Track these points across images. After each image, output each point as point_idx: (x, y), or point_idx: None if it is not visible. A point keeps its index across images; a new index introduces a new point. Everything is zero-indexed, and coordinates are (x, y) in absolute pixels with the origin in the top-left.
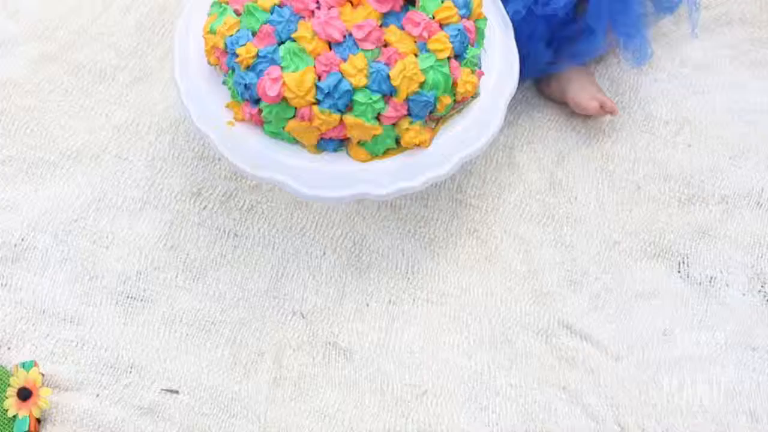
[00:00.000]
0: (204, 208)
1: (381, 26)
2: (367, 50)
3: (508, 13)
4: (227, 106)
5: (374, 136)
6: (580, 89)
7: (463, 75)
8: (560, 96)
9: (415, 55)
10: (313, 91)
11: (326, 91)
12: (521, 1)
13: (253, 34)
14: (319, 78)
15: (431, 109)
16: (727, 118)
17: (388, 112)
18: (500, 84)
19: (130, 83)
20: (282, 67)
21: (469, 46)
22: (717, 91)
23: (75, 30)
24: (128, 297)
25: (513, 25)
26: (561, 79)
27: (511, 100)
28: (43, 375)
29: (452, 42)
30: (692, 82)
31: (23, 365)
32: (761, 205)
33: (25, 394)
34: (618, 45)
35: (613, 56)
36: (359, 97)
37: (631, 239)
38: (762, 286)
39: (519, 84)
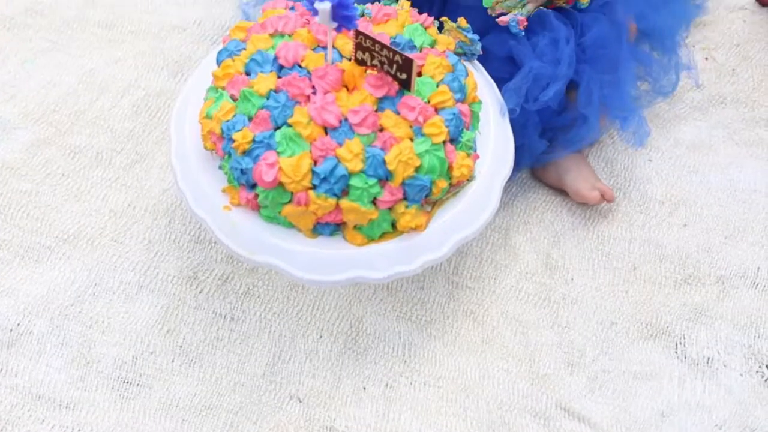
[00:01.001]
0: (200, 292)
1: (377, 111)
2: (363, 135)
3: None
4: (223, 190)
5: (370, 220)
6: (579, 178)
7: (459, 159)
8: (558, 184)
9: (411, 140)
10: (309, 176)
11: (322, 176)
12: (512, 99)
13: (249, 119)
14: (315, 163)
15: (427, 193)
16: (723, 197)
17: (384, 196)
18: (496, 167)
19: (126, 166)
20: (278, 152)
21: (465, 129)
22: (712, 171)
23: (71, 114)
24: (124, 382)
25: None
26: (558, 168)
27: (506, 182)
28: None
29: (447, 126)
30: (687, 161)
31: None
32: (757, 284)
33: None
34: (613, 128)
35: (607, 137)
36: (355, 181)
37: (627, 320)
38: (759, 367)
39: (514, 169)
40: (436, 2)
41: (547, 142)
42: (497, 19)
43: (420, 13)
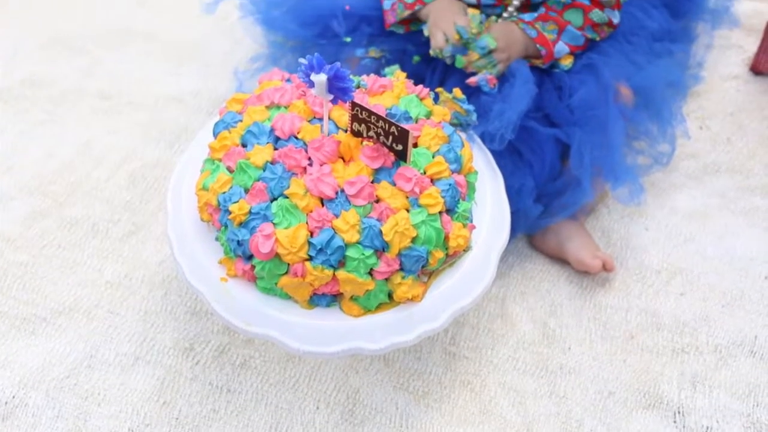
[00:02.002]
0: (196, 363)
1: (373, 182)
2: (359, 206)
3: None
4: (220, 262)
5: (367, 291)
6: (581, 247)
7: (455, 229)
8: (558, 252)
9: (407, 210)
10: (306, 247)
11: (319, 247)
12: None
13: (246, 190)
14: (312, 234)
15: (423, 264)
16: (719, 266)
17: (381, 267)
18: (492, 237)
19: (122, 238)
20: (275, 224)
21: (461, 200)
22: (707, 239)
23: (68, 185)
24: None
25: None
26: (559, 236)
27: (503, 252)
28: None
29: (443, 197)
30: (683, 230)
31: None
32: (755, 353)
33: None
34: (607, 189)
35: (603, 206)
36: (352, 252)
37: (625, 389)
38: None
39: (510, 238)
40: (439, 66)
41: (542, 207)
42: (467, 81)
43: (423, 78)
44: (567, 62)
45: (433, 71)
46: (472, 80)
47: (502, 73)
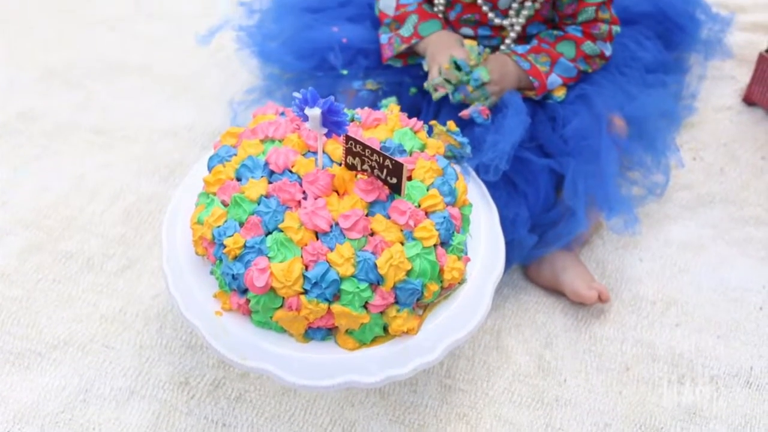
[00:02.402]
0: (192, 398)
1: (367, 215)
2: (354, 239)
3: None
4: (215, 295)
5: (362, 324)
6: (576, 278)
7: (450, 262)
8: (553, 283)
9: (402, 244)
10: (301, 280)
11: (314, 281)
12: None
13: (241, 224)
14: (307, 268)
15: (418, 297)
16: (714, 296)
17: (376, 300)
18: (487, 269)
19: (117, 272)
20: (269, 258)
21: (455, 233)
22: (702, 270)
23: (63, 219)
24: None
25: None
26: (554, 267)
27: (497, 284)
28: None
29: (438, 230)
30: (677, 261)
31: None
32: (751, 384)
33: None
34: (601, 219)
35: (597, 238)
36: (346, 286)
37: (621, 421)
38: None
39: (505, 268)
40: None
41: (536, 237)
42: (459, 114)
43: (419, 109)
44: (560, 93)
45: (429, 103)
46: (464, 113)
47: (495, 105)
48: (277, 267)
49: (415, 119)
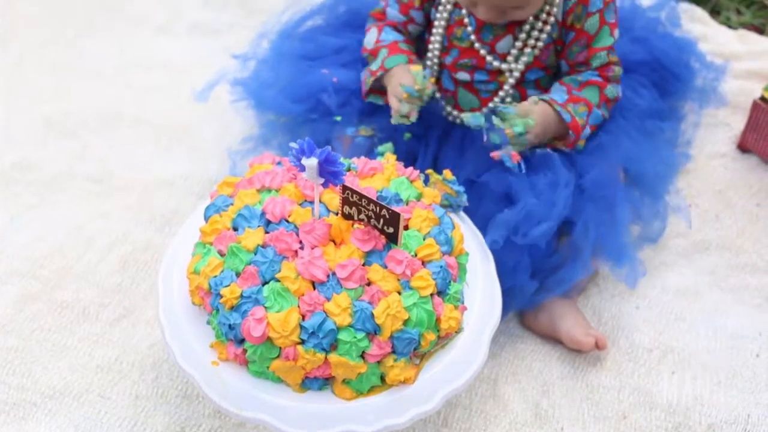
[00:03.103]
0: None
1: (364, 265)
2: (351, 289)
3: (486, 242)
4: (211, 345)
5: (359, 374)
6: (573, 325)
7: (447, 311)
8: (550, 331)
9: (399, 293)
10: (298, 330)
11: (311, 331)
12: (498, 231)
13: (237, 274)
14: (304, 317)
15: (415, 346)
16: (710, 344)
17: (373, 350)
18: (483, 318)
19: (113, 321)
20: (266, 308)
21: (452, 282)
22: (699, 318)
23: (59, 269)
24: None
25: (496, 258)
26: (551, 314)
27: (494, 332)
28: None
29: (435, 279)
30: (674, 308)
31: None
32: (748, 431)
33: None
34: (604, 269)
35: (593, 285)
36: (344, 336)
37: None
38: None
39: (502, 316)
40: (432, 142)
41: (537, 283)
42: (491, 153)
43: (416, 155)
44: (582, 143)
45: (425, 148)
46: (495, 154)
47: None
48: (273, 317)
49: (411, 168)
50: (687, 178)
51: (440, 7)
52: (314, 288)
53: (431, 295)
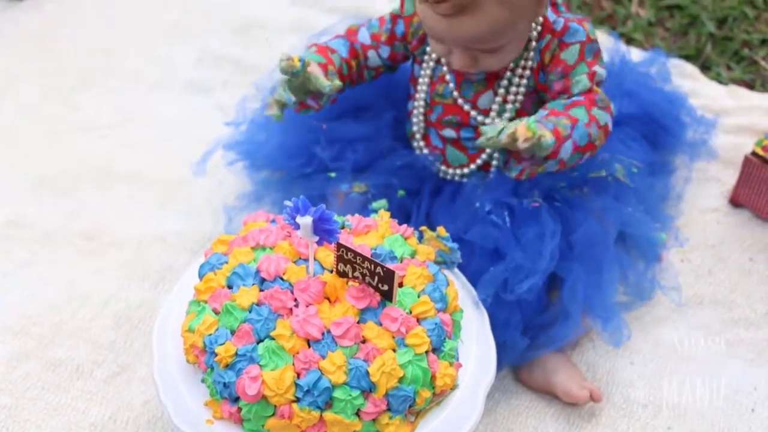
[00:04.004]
0: None
1: (359, 322)
2: (346, 347)
3: None
4: (206, 403)
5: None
6: (568, 378)
7: (442, 368)
8: (545, 385)
9: (394, 350)
10: (293, 389)
11: (306, 389)
12: (486, 289)
13: (232, 332)
14: (299, 375)
15: (411, 404)
16: (705, 399)
17: (368, 407)
18: (478, 375)
19: (107, 379)
20: (261, 366)
21: (447, 339)
22: (693, 372)
23: (52, 326)
24: None
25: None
26: (546, 369)
27: (489, 389)
28: None
29: (430, 336)
30: (668, 363)
31: None
32: None
33: None
34: (593, 328)
35: (587, 340)
36: (339, 394)
37: None
38: None
39: (497, 369)
40: (425, 198)
41: (529, 340)
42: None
43: (409, 211)
44: (564, 165)
45: (418, 205)
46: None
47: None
48: (268, 375)
49: (405, 225)
50: (679, 233)
51: (423, 64)
52: (309, 346)
53: (426, 352)
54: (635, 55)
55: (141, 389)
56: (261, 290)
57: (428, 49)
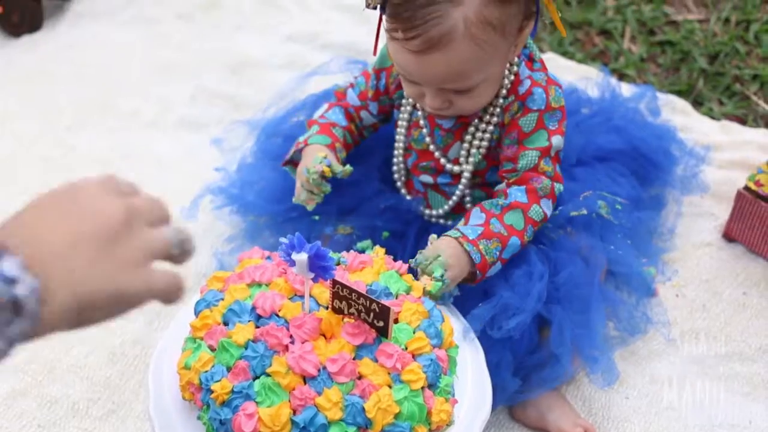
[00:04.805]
0: None
1: (355, 359)
2: (342, 383)
3: None
4: None
5: None
6: (561, 416)
7: (437, 404)
8: (540, 424)
9: (390, 387)
10: (289, 425)
11: (302, 425)
12: (473, 325)
13: (228, 369)
14: (295, 412)
15: None
16: None
17: None
18: (474, 411)
19: (103, 416)
20: (257, 403)
21: (443, 375)
22: (688, 407)
23: (47, 363)
24: None
25: None
26: (539, 406)
27: (484, 425)
28: None
29: (425, 372)
30: (663, 398)
31: None
32: None
33: None
34: (585, 368)
35: (583, 375)
36: (335, 430)
37: None
38: None
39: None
40: (410, 240)
41: (521, 381)
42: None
43: (395, 254)
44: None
45: (404, 247)
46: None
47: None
48: (265, 412)
49: (400, 262)
50: (673, 267)
51: (401, 108)
52: (305, 382)
53: (422, 388)
54: (626, 90)
55: (137, 426)
56: (257, 327)
57: (405, 92)
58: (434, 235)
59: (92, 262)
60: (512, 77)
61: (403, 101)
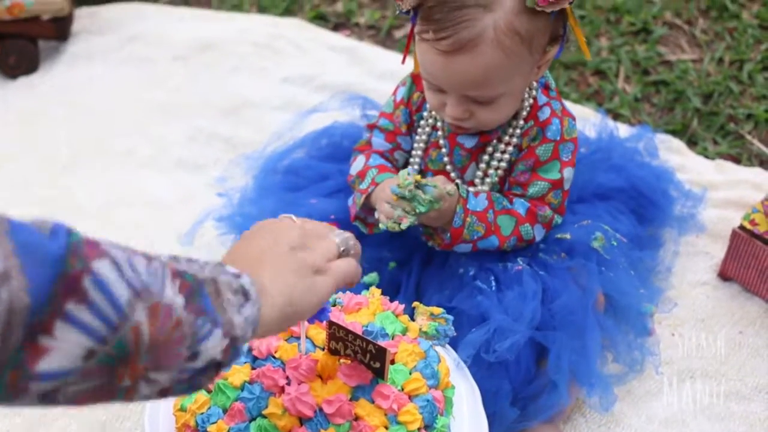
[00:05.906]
0: None
1: (351, 400)
2: (338, 425)
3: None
4: None
5: None
6: None
7: None
8: None
9: (386, 428)
10: None
11: None
12: (467, 350)
13: (224, 411)
14: None
15: None
16: None
17: None
18: None
19: None
20: None
21: (439, 415)
22: None
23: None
24: None
25: (476, 384)
26: None
27: None
28: None
29: (422, 413)
30: None
31: None
32: None
33: None
34: (582, 395)
35: (579, 415)
36: None
37: None
38: None
39: None
40: (415, 269)
41: (518, 410)
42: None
43: (399, 283)
44: (449, 245)
45: (408, 276)
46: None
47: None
48: None
49: (396, 303)
50: (669, 306)
51: (419, 129)
52: (301, 424)
53: (418, 429)
54: (623, 130)
55: None
56: (253, 368)
57: (425, 114)
58: (453, 188)
59: (286, 265)
60: (531, 101)
61: (422, 122)
